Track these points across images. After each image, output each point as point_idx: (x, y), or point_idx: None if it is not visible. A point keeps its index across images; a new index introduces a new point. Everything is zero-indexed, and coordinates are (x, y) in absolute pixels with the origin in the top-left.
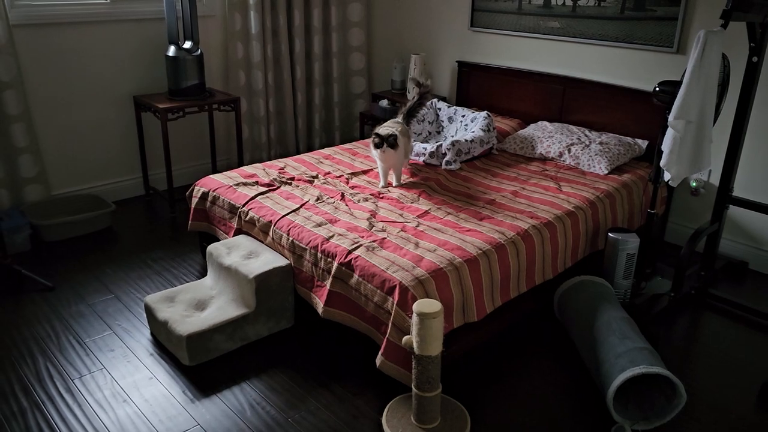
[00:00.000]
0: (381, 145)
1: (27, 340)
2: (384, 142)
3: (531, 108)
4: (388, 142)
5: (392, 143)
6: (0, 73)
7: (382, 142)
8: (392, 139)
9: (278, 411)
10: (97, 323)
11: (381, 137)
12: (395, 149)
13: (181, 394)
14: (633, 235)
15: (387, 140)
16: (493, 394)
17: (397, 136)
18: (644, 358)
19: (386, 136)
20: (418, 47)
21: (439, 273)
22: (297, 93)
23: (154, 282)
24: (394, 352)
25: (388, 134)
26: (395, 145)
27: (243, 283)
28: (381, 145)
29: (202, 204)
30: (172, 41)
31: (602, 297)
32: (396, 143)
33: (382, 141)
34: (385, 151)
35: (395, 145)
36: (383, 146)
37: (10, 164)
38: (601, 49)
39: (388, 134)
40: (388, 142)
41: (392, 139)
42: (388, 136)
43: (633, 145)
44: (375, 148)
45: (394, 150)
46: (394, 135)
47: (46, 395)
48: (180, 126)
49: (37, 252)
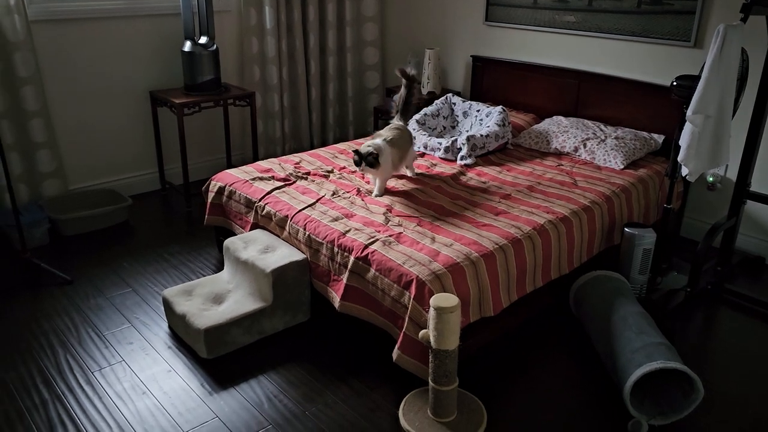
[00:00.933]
0: (359, 163)
1: (47, 332)
2: (362, 161)
3: (546, 103)
4: (366, 161)
5: (372, 162)
6: (19, 69)
7: (361, 160)
8: (372, 158)
9: (296, 404)
10: (116, 316)
11: (360, 155)
12: (376, 168)
13: (200, 387)
14: (649, 230)
15: (366, 159)
16: (509, 389)
17: (377, 155)
18: (661, 353)
19: (365, 155)
20: (433, 42)
21: (456, 267)
22: (311, 88)
23: (171, 276)
24: (411, 346)
25: (368, 152)
26: (375, 164)
27: (260, 277)
28: (359, 164)
29: (218, 198)
30: (188, 36)
31: (618, 292)
32: (376, 162)
33: (361, 159)
34: (364, 170)
35: (375, 164)
36: (361, 165)
37: (28, 159)
38: (618, 43)
39: (367, 152)
40: (366, 161)
41: (372, 158)
42: (367, 154)
43: (649, 139)
44: (355, 165)
45: (374, 169)
46: (374, 154)
47: (66, 387)
48: (196, 121)
49: (56, 246)
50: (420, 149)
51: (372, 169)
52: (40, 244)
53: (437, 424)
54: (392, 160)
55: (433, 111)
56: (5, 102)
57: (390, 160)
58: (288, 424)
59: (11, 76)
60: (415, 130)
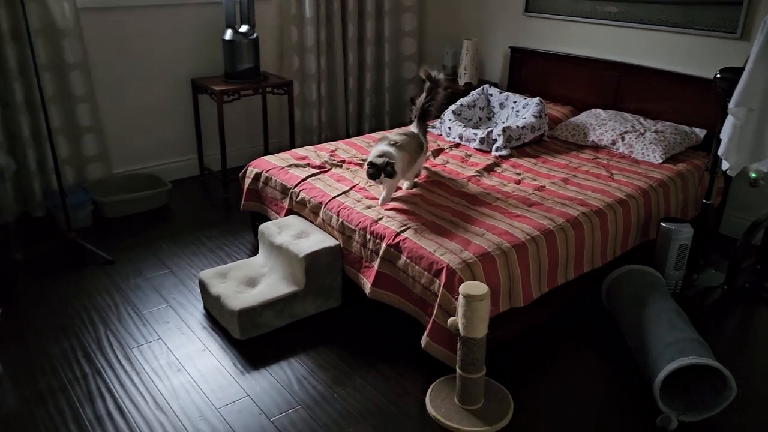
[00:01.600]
0: (377, 175)
1: (89, 310)
2: (381, 173)
3: (584, 95)
4: (386, 173)
5: (390, 172)
6: (67, 55)
7: (379, 172)
8: (390, 168)
9: (325, 387)
10: (154, 296)
11: (377, 167)
12: (393, 178)
13: (232, 366)
14: (686, 225)
15: (384, 170)
16: (538, 379)
17: (393, 163)
18: (694, 349)
19: (383, 165)
20: (471, 32)
21: (487, 257)
22: (349, 78)
23: (207, 258)
24: (440, 333)
25: (385, 163)
26: (394, 174)
27: (293, 261)
28: (377, 176)
29: (254, 184)
30: (229, 25)
31: (652, 287)
32: (394, 171)
33: (379, 171)
34: (384, 182)
35: (393, 174)
36: (380, 177)
37: (75, 143)
38: (660, 34)
39: (384, 163)
40: (386, 172)
41: (390, 168)
42: (385, 164)
43: (690, 134)
44: (370, 179)
45: (392, 179)
46: (391, 163)
47: (106, 362)
48: (235, 108)
49: (99, 227)
50: (455, 140)
51: (390, 180)
52: (84, 225)
53: (463, 412)
54: (401, 167)
55: (469, 102)
56: (54, 87)
57: (400, 167)
58: (316, 405)
59: (60, 62)
60: (450, 120)
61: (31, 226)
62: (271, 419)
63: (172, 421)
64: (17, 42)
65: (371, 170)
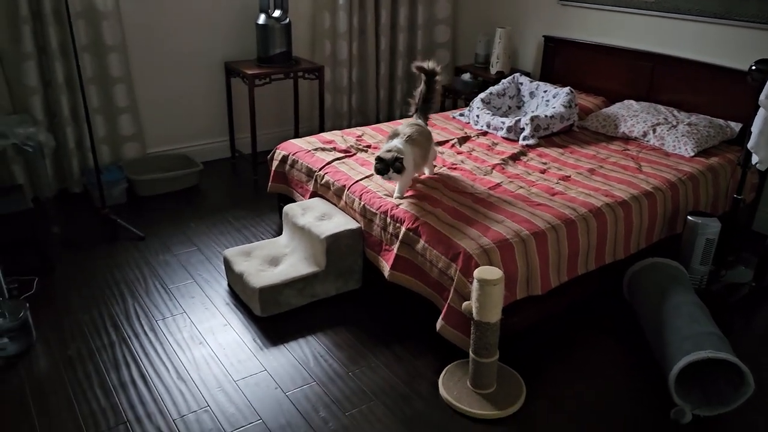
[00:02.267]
0: (386, 171)
1: (119, 282)
2: (389, 168)
3: (617, 86)
4: (394, 168)
5: (399, 168)
6: (106, 38)
7: (387, 167)
8: (399, 164)
9: (340, 365)
10: (181, 272)
11: (385, 162)
12: (402, 174)
13: (252, 342)
14: (714, 220)
15: (393, 165)
16: (553, 368)
17: (402, 158)
18: (712, 343)
19: (392, 161)
20: (505, 21)
21: (505, 244)
22: (380, 64)
23: (234, 238)
24: (455, 317)
25: (394, 158)
26: (403, 169)
27: (315, 242)
28: (386, 171)
29: (281, 167)
30: (262, 10)
31: (675, 280)
32: (402, 166)
33: (387, 167)
34: (392, 177)
35: (403, 169)
36: (388, 172)
37: (111, 123)
38: (697, 25)
39: (393, 158)
40: (394, 167)
41: (399, 163)
42: (393, 160)
43: (725, 127)
44: (378, 175)
45: (400, 175)
46: (400, 158)
47: (132, 332)
48: (266, 92)
49: (132, 204)
50: (483, 128)
51: (398, 176)
52: (118, 202)
53: (475, 395)
54: (414, 160)
55: (499, 90)
56: (93, 68)
57: (412, 160)
58: (331, 382)
59: (99, 44)
60: (479, 108)
61: (68, 202)
62: (286, 393)
63: (191, 390)
64: (59, 23)
65: (379, 165)
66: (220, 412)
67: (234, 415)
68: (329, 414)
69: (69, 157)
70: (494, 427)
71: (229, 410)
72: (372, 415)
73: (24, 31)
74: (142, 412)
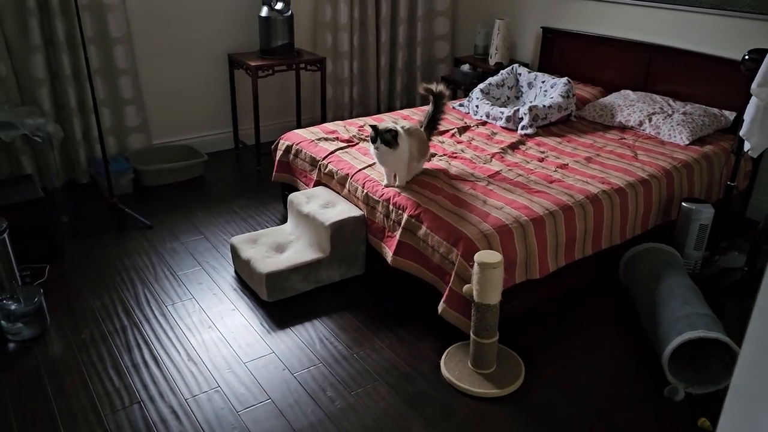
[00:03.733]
0: (375, 140)
1: (129, 269)
2: (378, 138)
3: (615, 76)
4: (383, 139)
5: (389, 140)
6: (112, 30)
7: (377, 136)
8: (389, 136)
9: (345, 347)
10: (188, 259)
11: (377, 131)
12: (392, 148)
13: (259, 325)
14: (707, 206)
15: (383, 135)
16: (551, 349)
17: (397, 132)
18: (704, 324)
19: (383, 131)
20: (503, 12)
21: (504, 229)
22: (381, 56)
23: (239, 226)
24: (456, 300)
25: (386, 128)
26: (393, 144)
27: (319, 229)
28: (375, 141)
29: (285, 157)
30: (265, 2)
31: (669, 264)
32: (394, 141)
33: (377, 136)
34: (379, 148)
35: (393, 143)
36: (377, 142)
37: (117, 114)
38: (694, 15)
39: (386, 128)
40: (383, 138)
41: (389, 135)
42: (385, 130)
43: (719, 116)
44: (370, 143)
45: (390, 149)
46: (392, 131)
47: (143, 317)
48: (269, 84)
49: (139, 194)
50: (482, 118)
51: (389, 150)
52: (125, 192)
53: (476, 375)
54: (410, 151)
55: (497, 81)
56: (99, 60)
57: (408, 150)
58: (336, 363)
59: (105, 36)
60: (478, 99)
61: (76, 192)
62: (293, 374)
63: (202, 371)
64: (66, 16)
65: (372, 133)
66: (230, 391)
67: (244, 395)
68: (335, 393)
69: (76, 148)
70: (494, 405)
71: (239, 390)
72: (376, 394)
73: (31, 24)
74: (155, 392)
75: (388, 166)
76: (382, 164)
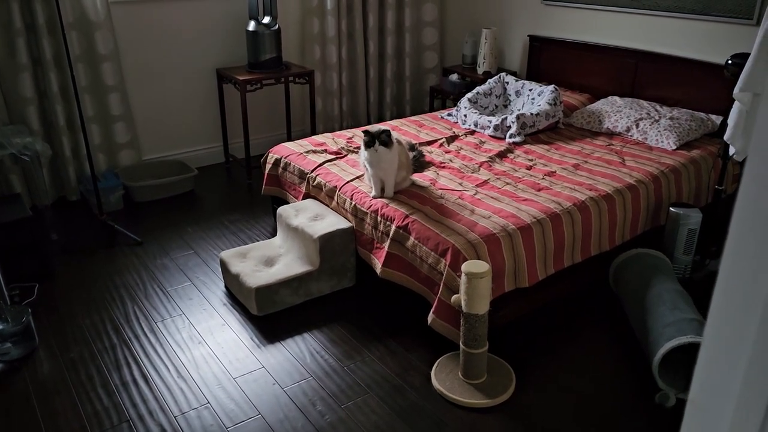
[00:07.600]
0: (372, 143)
1: (118, 287)
2: (375, 140)
3: (602, 83)
4: (380, 140)
5: (385, 140)
6: (99, 47)
7: (374, 139)
8: (385, 136)
9: (336, 360)
10: (179, 275)
11: (371, 135)
12: (389, 147)
13: (249, 340)
14: (695, 210)
15: (379, 137)
16: (542, 358)
17: (390, 132)
18: (693, 329)
19: (378, 133)
20: (491, 21)
21: (492, 238)
22: (369, 67)
23: (229, 240)
24: (445, 310)
25: (381, 130)
26: (389, 143)
27: (308, 242)
28: (372, 144)
29: (274, 170)
30: (252, 16)
31: (657, 269)
32: (390, 140)
33: (373, 139)
34: (378, 149)
35: (389, 142)
36: (375, 145)
37: (106, 131)
38: (678, 21)
39: (380, 130)
40: (380, 139)
41: (385, 135)
42: (380, 132)
43: (706, 120)
44: (365, 149)
45: (388, 149)
46: (386, 130)
47: (133, 334)
48: (258, 98)
49: (129, 210)
50: (470, 127)
51: (387, 150)
52: (115, 208)
53: (466, 385)
54: (399, 159)
55: (485, 90)
56: (87, 77)
57: (397, 157)
58: (327, 376)
59: (93, 53)
60: (466, 108)
61: (66, 209)
62: (284, 388)
63: (191, 388)
64: (53, 35)
65: (366, 138)
66: (220, 408)
67: (234, 411)
68: (326, 407)
69: (66, 166)
70: (485, 416)
71: (228, 406)
72: (367, 407)
73: (18, 44)
74: (144, 410)
75: (383, 169)
76: (376, 169)
